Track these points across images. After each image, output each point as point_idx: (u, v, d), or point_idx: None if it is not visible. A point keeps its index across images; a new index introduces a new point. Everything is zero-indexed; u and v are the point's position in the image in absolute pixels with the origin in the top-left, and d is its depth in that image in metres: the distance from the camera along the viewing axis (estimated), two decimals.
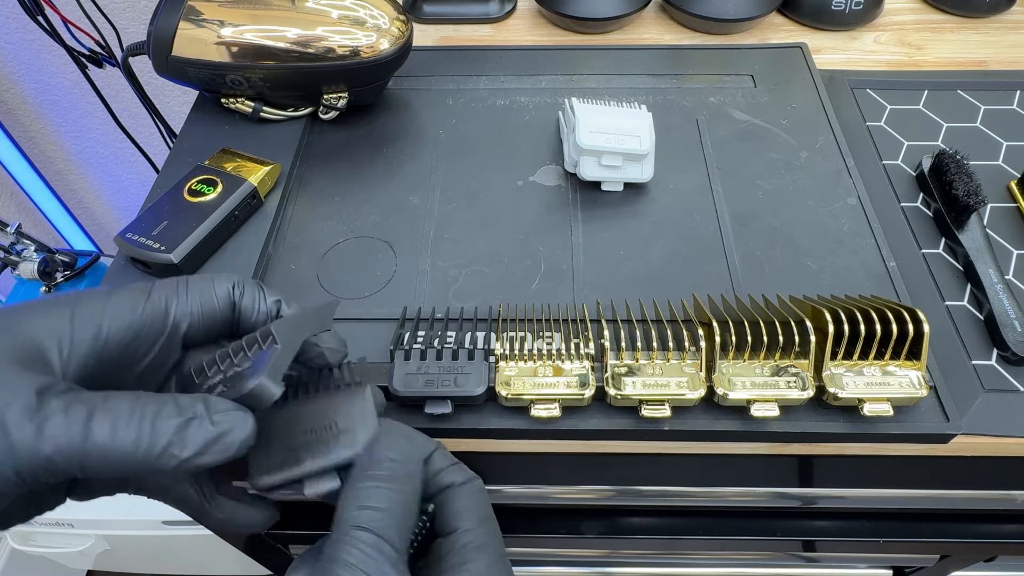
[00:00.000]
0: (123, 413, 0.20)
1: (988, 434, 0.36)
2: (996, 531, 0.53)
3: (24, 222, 0.98)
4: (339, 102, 0.49)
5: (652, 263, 0.42)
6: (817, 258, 0.42)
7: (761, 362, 0.35)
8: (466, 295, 0.40)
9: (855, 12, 0.60)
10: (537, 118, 0.51)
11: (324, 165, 0.48)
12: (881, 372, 0.34)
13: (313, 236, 0.44)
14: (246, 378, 0.23)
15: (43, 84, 0.98)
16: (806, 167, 0.47)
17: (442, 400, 0.34)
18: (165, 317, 0.25)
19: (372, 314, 0.39)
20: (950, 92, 0.54)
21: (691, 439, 0.36)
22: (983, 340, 0.40)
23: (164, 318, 0.25)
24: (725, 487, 0.49)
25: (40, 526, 0.92)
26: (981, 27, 0.61)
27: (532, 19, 0.63)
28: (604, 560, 0.66)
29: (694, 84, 0.54)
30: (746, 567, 0.66)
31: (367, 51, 0.45)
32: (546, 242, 0.43)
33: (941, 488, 0.47)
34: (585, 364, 0.35)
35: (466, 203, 0.46)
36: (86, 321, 0.23)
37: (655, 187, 0.46)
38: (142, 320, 0.24)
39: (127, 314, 0.24)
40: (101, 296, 0.24)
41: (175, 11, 0.44)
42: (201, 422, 0.21)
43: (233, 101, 0.49)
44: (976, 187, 0.43)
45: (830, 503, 0.50)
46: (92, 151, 1.10)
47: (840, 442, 0.36)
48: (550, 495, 0.51)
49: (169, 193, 0.42)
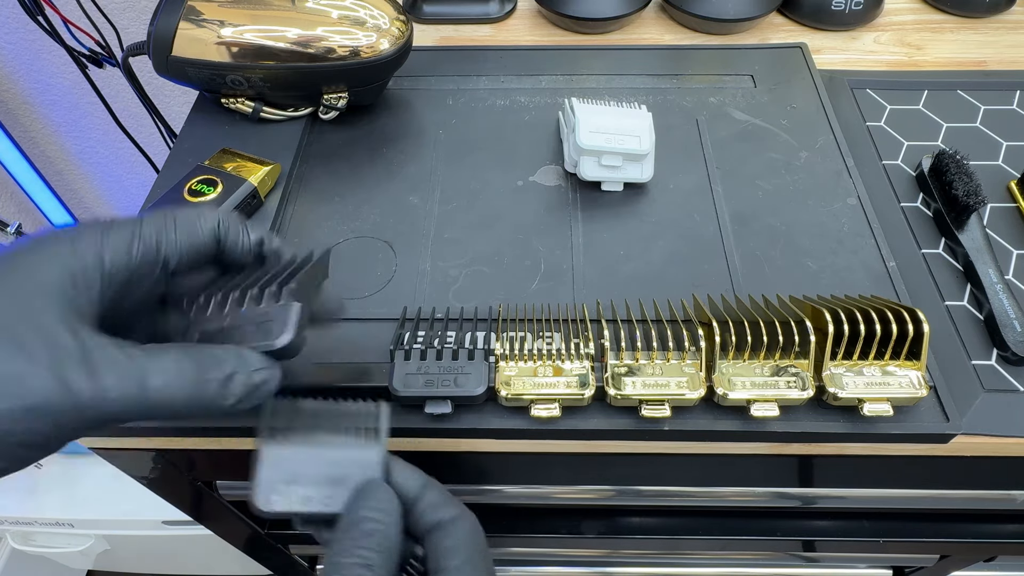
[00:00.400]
0: (172, 370, 0.23)
1: (988, 434, 0.36)
2: (996, 531, 0.53)
3: (24, 222, 0.98)
4: (339, 102, 0.49)
5: (652, 263, 0.42)
6: (817, 258, 0.42)
7: (761, 362, 0.35)
8: (466, 295, 0.40)
9: (855, 12, 0.60)
10: (537, 118, 0.51)
11: (324, 165, 0.48)
12: (881, 372, 0.34)
13: (313, 236, 0.44)
14: (274, 334, 0.26)
15: (43, 84, 0.98)
16: (806, 167, 0.47)
17: (442, 400, 0.34)
18: (157, 254, 0.26)
19: (372, 314, 0.39)
20: (950, 92, 0.54)
21: (691, 439, 0.36)
22: (983, 340, 0.40)
23: (156, 255, 0.26)
24: (725, 487, 0.49)
25: (40, 526, 0.93)
26: (981, 27, 0.61)
27: (532, 19, 0.63)
28: (604, 560, 0.66)
29: (694, 84, 0.54)
30: (746, 567, 0.66)
31: (367, 51, 0.45)
32: (546, 242, 0.43)
33: (941, 488, 0.47)
34: (585, 364, 0.35)
35: (466, 203, 0.46)
36: (92, 259, 0.24)
37: (655, 187, 0.46)
38: (137, 260, 0.25)
39: (123, 255, 0.25)
40: (97, 233, 0.25)
41: (175, 11, 0.44)
42: (241, 376, 0.24)
43: (233, 101, 0.49)
44: (976, 187, 0.43)
45: (830, 503, 0.50)
46: (92, 151, 1.10)
47: (840, 442, 0.36)
48: (550, 495, 0.51)
49: (169, 193, 0.42)
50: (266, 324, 0.26)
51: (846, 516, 0.55)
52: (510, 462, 0.44)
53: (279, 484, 0.28)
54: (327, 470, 0.28)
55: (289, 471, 0.28)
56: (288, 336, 0.26)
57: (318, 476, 0.28)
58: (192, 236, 0.27)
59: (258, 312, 0.27)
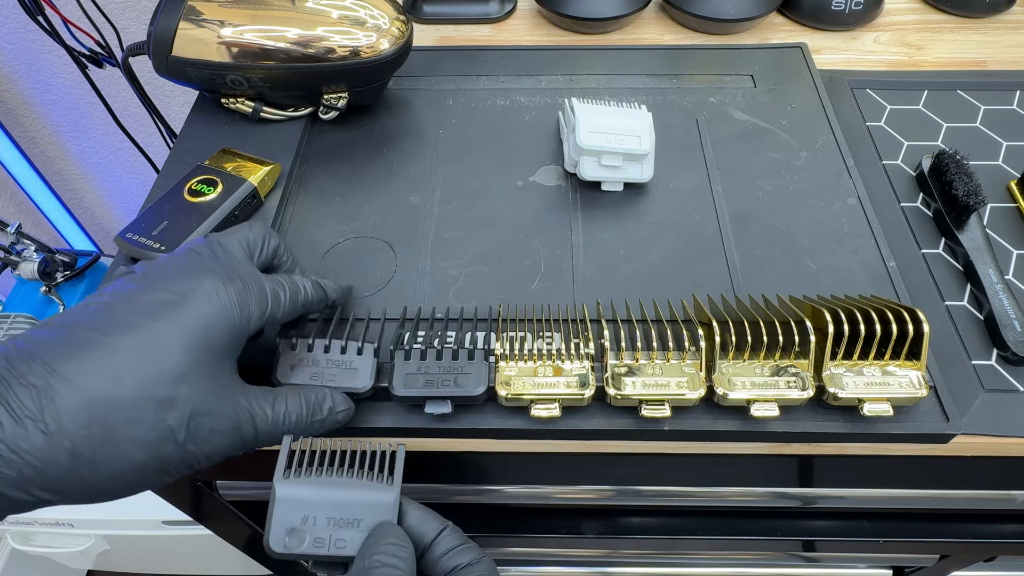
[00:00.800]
0: (295, 410, 0.31)
1: (988, 434, 0.36)
2: (996, 531, 0.53)
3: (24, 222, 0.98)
4: (339, 102, 0.49)
5: (652, 263, 0.42)
6: (817, 258, 0.42)
7: (761, 362, 0.35)
8: (466, 295, 0.40)
9: (855, 12, 0.60)
10: (537, 118, 0.51)
11: (324, 165, 0.48)
12: (881, 372, 0.34)
13: (313, 236, 0.44)
14: (359, 381, 0.34)
15: (43, 84, 0.98)
16: (806, 167, 0.47)
17: (442, 400, 0.34)
18: (273, 316, 0.32)
19: (372, 314, 0.39)
20: (950, 92, 0.54)
21: (691, 439, 0.36)
22: (983, 340, 0.40)
23: (273, 317, 0.32)
24: (725, 487, 0.49)
25: (40, 526, 0.93)
26: (981, 27, 0.61)
27: (532, 19, 0.63)
28: (604, 560, 0.66)
29: (694, 84, 0.54)
30: (746, 567, 0.66)
31: (367, 51, 0.45)
32: (546, 242, 0.43)
33: (941, 488, 0.47)
34: (585, 364, 0.35)
35: (466, 203, 0.46)
36: (245, 321, 0.30)
37: (655, 187, 0.46)
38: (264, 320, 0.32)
39: (259, 316, 0.31)
40: (246, 292, 0.30)
41: (175, 11, 0.44)
42: (332, 412, 0.33)
43: (233, 101, 0.49)
44: (976, 187, 0.43)
45: (830, 503, 0.50)
46: (92, 151, 1.10)
47: (840, 442, 0.36)
48: (550, 495, 0.51)
49: (169, 193, 0.42)
50: (350, 371, 0.34)
51: (846, 516, 0.55)
52: (510, 462, 0.44)
53: (292, 526, 0.28)
54: (340, 512, 0.29)
55: (302, 512, 0.29)
56: (369, 383, 0.34)
57: (331, 519, 0.28)
58: (293, 303, 0.33)
59: (342, 359, 0.35)
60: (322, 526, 0.28)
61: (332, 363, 0.34)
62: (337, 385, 0.34)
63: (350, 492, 0.29)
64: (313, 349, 0.35)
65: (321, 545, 0.28)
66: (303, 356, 0.35)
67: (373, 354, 0.35)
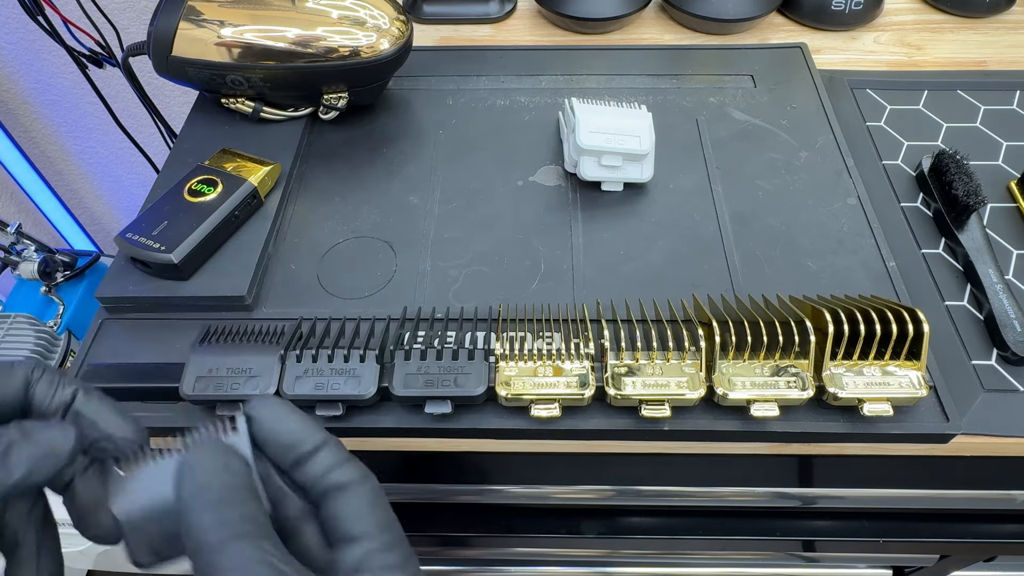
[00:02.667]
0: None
1: (988, 434, 0.36)
2: (996, 531, 0.53)
3: (24, 222, 0.98)
4: (339, 102, 0.49)
5: (652, 263, 0.42)
6: (817, 258, 0.42)
7: (761, 362, 0.35)
8: (466, 295, 0.40)
9: (855, 12, 0.60)
10: (537, 118, 0.51)
11: (324, 165, 0.48)
12: (881, 372, 0.34)
13: (313, 236, 0.44)
14: (360, 386, 0.35)
15: (43, 84, 0.98)
16: (806, 167, 0.47)
17: (442, 400, 0.34)
18: None
19: (372, 314, 0.39)
20: (950, 92, 0.54)
21: (691, 439, 0.36)
22: (983, 340, 0.40)
23: None
24: (725, 487, 0.49)
25: None
26: (981, 27, 0.61)
27: (532, 19, 0.63)
28: (604, 560, 0.66)
29: (694, 84, 0.54)
30: (746, 567, 0.66)
31: (367, 51, 0.45)
32: (546, 242, 0.43)
33: (941, 488, 0.47)
34: (585, 364, 0.35)
35: (466, 203, 0.46)
36: None
37: (655, 187, 0.46)
38: None
39: None
40: None
41: (175, 11, 0.44)
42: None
43: (233, 101, 0.49)
44: (976, 187, 0.43)
45: (830, 503, 0.50)
46: (92, 151, 1.10)
47: (840, 442, 0.36)
48: (550, 495, 0.51)
49: (169, 193, 0.42)
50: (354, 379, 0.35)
51: (846, 516, 0.55)
52: (510, 462, 0.44)
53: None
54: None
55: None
56: (373, 389, 0.35)
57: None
58: None
59: (345, 367, 0.35)
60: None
61: (336, 372, 0.35)
62: (341, 393, 0.35)
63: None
64: (317, 359, 0.36)
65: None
66: (307, 367, 0.35)
67: (375, 360, 0.36)
